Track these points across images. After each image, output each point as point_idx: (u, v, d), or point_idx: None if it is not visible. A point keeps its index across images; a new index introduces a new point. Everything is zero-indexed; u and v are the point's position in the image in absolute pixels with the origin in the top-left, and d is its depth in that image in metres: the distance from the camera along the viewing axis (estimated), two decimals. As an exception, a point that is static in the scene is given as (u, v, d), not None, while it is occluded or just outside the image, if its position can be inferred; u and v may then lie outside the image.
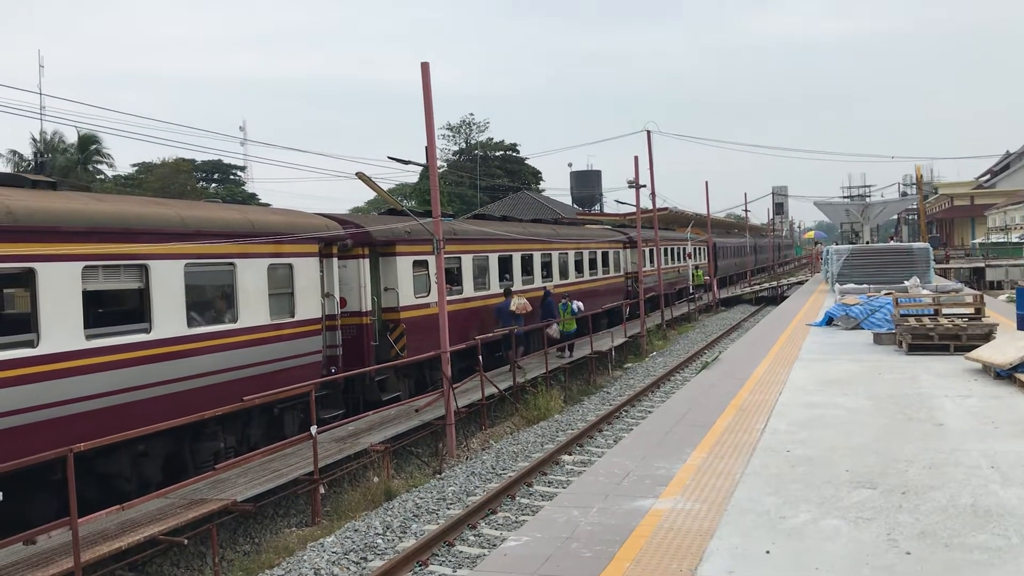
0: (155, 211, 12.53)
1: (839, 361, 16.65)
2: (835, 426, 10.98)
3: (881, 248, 39.08)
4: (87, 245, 10.98)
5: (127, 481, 11.44)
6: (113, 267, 11.55)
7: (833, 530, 7.14)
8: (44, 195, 11.15)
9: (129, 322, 11.84)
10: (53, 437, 10.01)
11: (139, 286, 11.89)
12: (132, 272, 11.82)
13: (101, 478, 11.18)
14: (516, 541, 7.66)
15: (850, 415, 11.62)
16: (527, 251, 25.54)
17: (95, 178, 54.12)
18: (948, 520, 7.22)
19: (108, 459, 11.06)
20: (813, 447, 9.95)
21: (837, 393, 13.23)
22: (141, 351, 11.65)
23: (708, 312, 45.85)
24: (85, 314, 10.91)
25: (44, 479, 10.46)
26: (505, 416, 19.21)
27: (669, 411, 13.11)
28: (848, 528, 7.17)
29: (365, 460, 13.93)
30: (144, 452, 11.70)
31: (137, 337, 11.69)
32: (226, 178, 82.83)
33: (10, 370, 9.90)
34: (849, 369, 15.54)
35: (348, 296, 17.17)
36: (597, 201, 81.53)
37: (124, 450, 11.22)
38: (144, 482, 11.69)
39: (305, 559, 10.38)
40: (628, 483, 9.06)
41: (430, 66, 15.74)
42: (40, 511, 10.25)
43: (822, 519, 7.43)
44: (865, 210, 49.24)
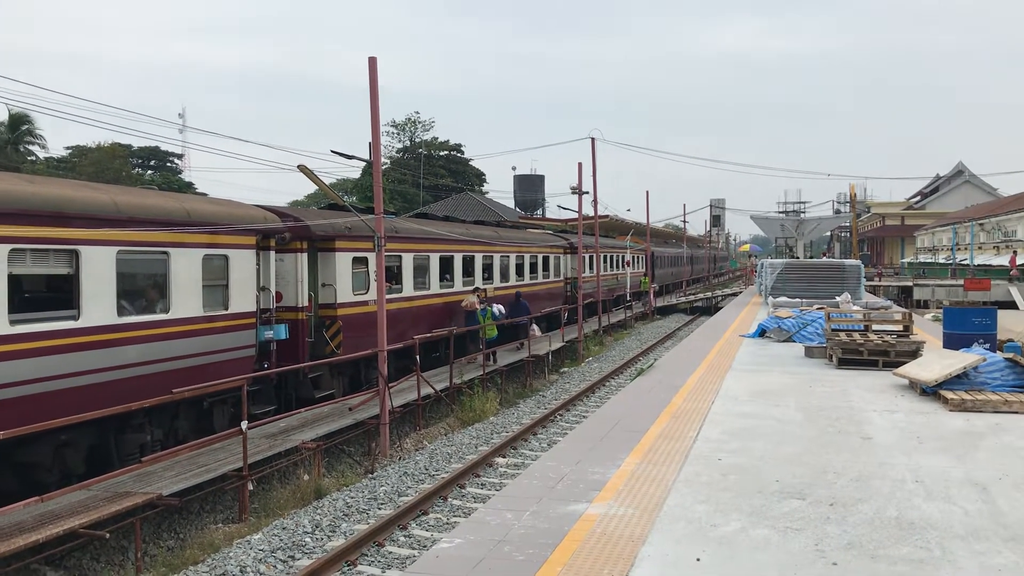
0: (88, 195, 12.18)
1: (771, 373, 16.92)
2: (766, 436, 11.13)
3: (814, 263, 39.87)
4: (15, 227, 10.64)
5: (48, 472, 11.09)
6: (42, 251, 11.21)
7: (763, 539, 7.22)
8: None
9: (57, 308, 11.49)
10: None
11: (68, 272, 11.56)
12: (62, 257, 11.48)
13: (20, 468, 10.82)
14: (448, 543, 7.60)
15: (781, 426, 11.80)
16: (469, 252, 25.49)
17: (26, 159, 52.48)
18: (874, 532, 7.35)
19: (29, 448, 10.72)
20: (744, 456, 10.07)
21: (769, 404, 13.43)
22: (68, 338, 11.33)
23: (644, 320, 46.29)
24: (11, 298, 10.57)
25: None
26: (440, 417, 19.12)
27: (604, 416, 13.16)
28: (777, 538, 7.26)
29: (296, 458, 13.73)
30: (67, 442, 11.37)
31: (65, 324, 11.36)
32: (163, 165, 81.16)
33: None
34: (781, 381, 15.79)
35: (285, 291, 16.93)
36: (540, 205, 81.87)
37: (46, 440, 10.88)
38: (66, 473, 11.35)
39: (231, 556, 10.17)
40: (562, 487, 9.05)
41: (377, 62, 15.60)
42: None
43: (752, 528, 7.51)
44: (800, 226, 50.19)
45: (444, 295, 23.47)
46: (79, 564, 10.20)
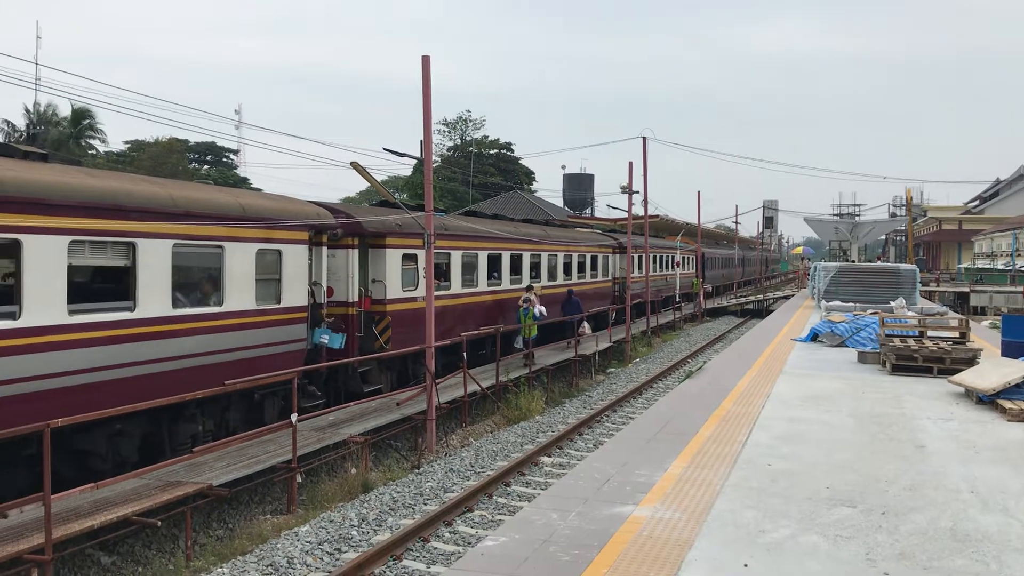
0: (145, 189, 12.40)
1: (823, 377, 16.67)
2: (817, 442, 10.98)
3: (868, 267, 39.22)
4: (75, 219, 10.85)
5: (102, 459, 11.31)
6: (100, 243, 11.42)
7: (812, 547, 7.12)
8: (34, 167, 11.01)
9: (113, 299, 11.72)
10: (31, 411, 9.89)
11: (125, 264, 11.76)
12: (119, 249, 11.69)
13: (77, 455, 11.06)
14: (493, 541, 7.61)
15: (832, 432, 11.62)
16: (517, 250, 25.49)
17: (87, 153, 53.71)
18: (927, 543, 7.21)
19: (85, 436, 10.93)
20: (795, 462, 9.93)
21: (820, 409, 13.24)
22: (124, 329, 11.53)
23: (693, 322, 45.91)
24: (69, 289, 10.79)
25: (16, 454, 10.34)
26: (486, 414, 19.15)
27: (651, 418, 13.08)
28: (827, 545, 7.15)
29: (344, 451, 13.86)
30: (121, 431, 11.58)
31: (121, 315, 11.57)
32: (219, 160, 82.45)
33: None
34: (833, 386, 15.56)
35: (336, 286, 17.09)
36: (589, 205, 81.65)
37: (101, 428, 11.09)
38: (120, 461, 11.57)
39: (279, 547, 10.29)
40: (608, 488, 9.02)
41: (431, 60, 15.67)
42: (11, 486, 10.14)
43: (801, 535, 7.41)
44: (854, 229, 49.46)
45: (492, 293, 23.49)
46: (131, 550, 10.41)
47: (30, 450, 10.26)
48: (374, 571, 9.56)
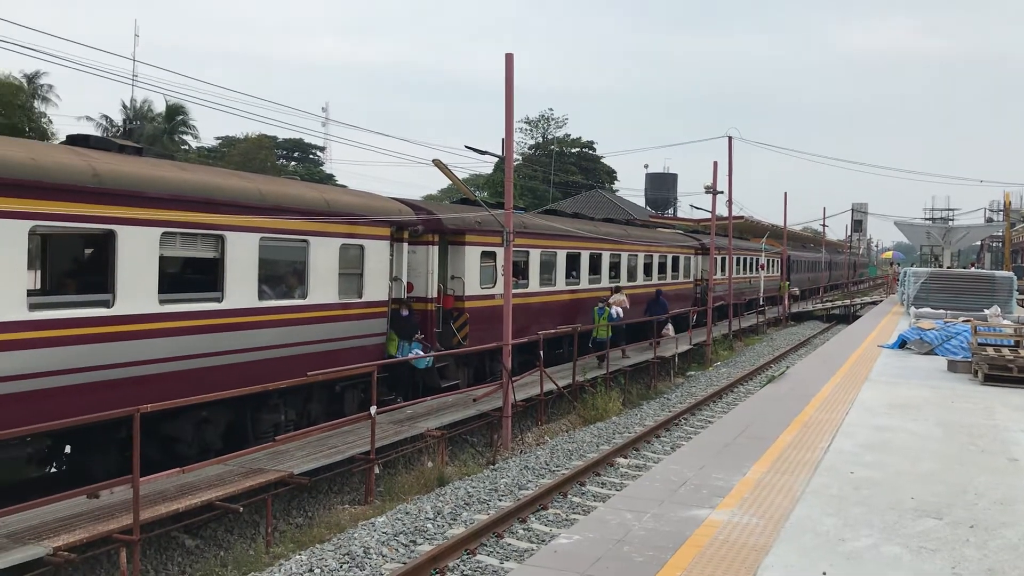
0: (235, 183, 12.75)
1: (911, 386, 16.19)
2: (903, 451, 10.67)
3: (961, 274, 37.88)
4: (167, 212, 11.20)
5: (188, 446, 11.67)
6: (191, 235, 11.77)
7: (894, 558, 6.92)
8: (129, 160, 11.41)
9: (202, 290, 12.07)
10: (122, 396, 10.27)
11: (214, 256, 12.11)
12: (208, 241, 12.04)
13: (164, 440, 11.42)
14: (567, 539, 7.60)
15: (919, 441, 11.28)
16: (596, 250, 25.37)
17: (180, 148, 55.42)
18: (1019, 559, 6.94)
19: (172, 422, 11.30)
20: (878, 470, 9.67)
21: (907, 418, 12.86)
22: (211, 319, 11.88)
23: (777, 326, 45.06)
24: (160, 279, 11.15)
25: (109, 438, 10.73)
26: (562, 413, 19.13)
27: (731, 423, 12.90)
28: (910, 557, 6.94)
29: (421, 444, 14.01)
30: (207, 419, 11.93)
31: (209, 305, 11.92)
32: (306, 157, 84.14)
33: (84, 328, 10.17)
34: (921, 394, 15.10)
35: (415, 282, 17.27)
36: (671, 205, 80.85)
37: (188, 415, 11.45)
38: (204, 448, 11.91)
39: (355, 537, 10.46)
40: (684, 491, 8.92)
41: (514, 58, 15.70)
42: (103, 468, 10.53)
43: (883, 545, 7.21)
44: (947, 234, 47.85)
45: (570, 292, 23.42)
46: (214, 535, 10.71)
47: (120, 434, 10.64)
48: (448, 564, 9.63)
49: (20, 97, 39.91)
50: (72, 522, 8.89)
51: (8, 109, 38.58)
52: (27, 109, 40.53)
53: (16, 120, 38.08)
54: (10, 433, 8.54)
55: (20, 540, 8.32)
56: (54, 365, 9.77)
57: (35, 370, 9.58)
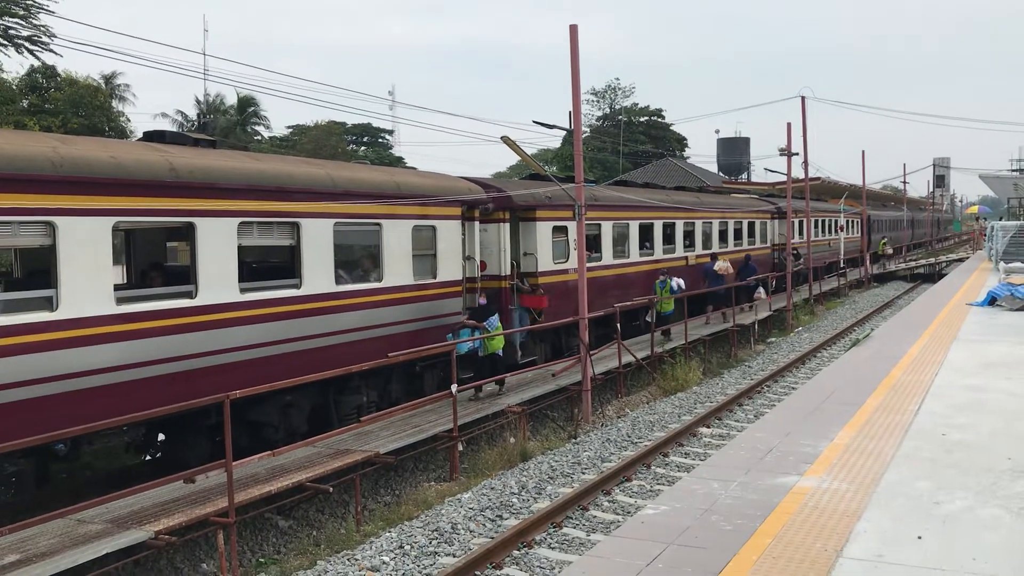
0: (307, 171, 12.94)
1: (1002, 343, 15.67)
2: (996, 411, 10.35)
3: (1053, 225, 36.40)
4: (243, 202, 11.42)
5: (275, 430, 11.94)
6: (267, 224, 11.99)
7: (992, 519, 6.73)
8: (204, 153, 11.68)
9: (280, 277, 12.31)
10: (209, 384, 10.54)
11: (291, 243, 12.32)
12: (284, 229, 12.24)
13: (251, 426, 11.71)
14: (653, 510, 7.59)
15: (1014, 400, 10.93)
16: (669, 219, 25.07)
17: (252, 139, 56.50)
18: (1125, 517, 6.68)
19: (258, 408, 11.56)
20: (971, 432, 9.40)
21: (999, 376, 12.46)
22: (291, 306, 12.10)
23: (859, 288, 44.00)
24: (240, 268, 11.39)
25: (199, 424, 11.06)
26: (641, 385, 19.04)
27: (815, 388, 12.67)
28: (1009, 519, 6.74)
29: (502, 421, 14.11)
30: (291, 403, 12.18)
31: (287, 292, 12.14)
32: (375, 141, 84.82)
33: (170, 319, 10.47)
34: (1013, 352, 14.60)
35: (488, 260, 17.26)
36: (744, 169, 79.36)
37: (273, 400, 11.71)
38: (291, 431, 12.17)
39: (443, 513, 10.61)
40: (771, 459, 8.81)
41: (578, 29, 15.55)
42: (195, 454, 10.87)
43: (980, 507, 7.02)
44: (1036, 184, 45.95)
45: (645, 263, 23.21)
46: (306, 515, 10.97)
47: (209, 421, 10.95)
48: (535, 538, 9.70)
49: (99, 98, 41.10)
50: (171, 506, 9.22)
51: (88, 110, 39.78)
52: (106, 109, 41.71)
53: (96, 120, 39.25)
54: (101, 425, 8.85)
55: (123, 525, 8.66)
56: (142, 356, 10.07)
57: (124, 362, 9.90)
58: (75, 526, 8.66)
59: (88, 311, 9.53)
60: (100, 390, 9.61)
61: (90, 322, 9.55)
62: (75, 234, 9.42)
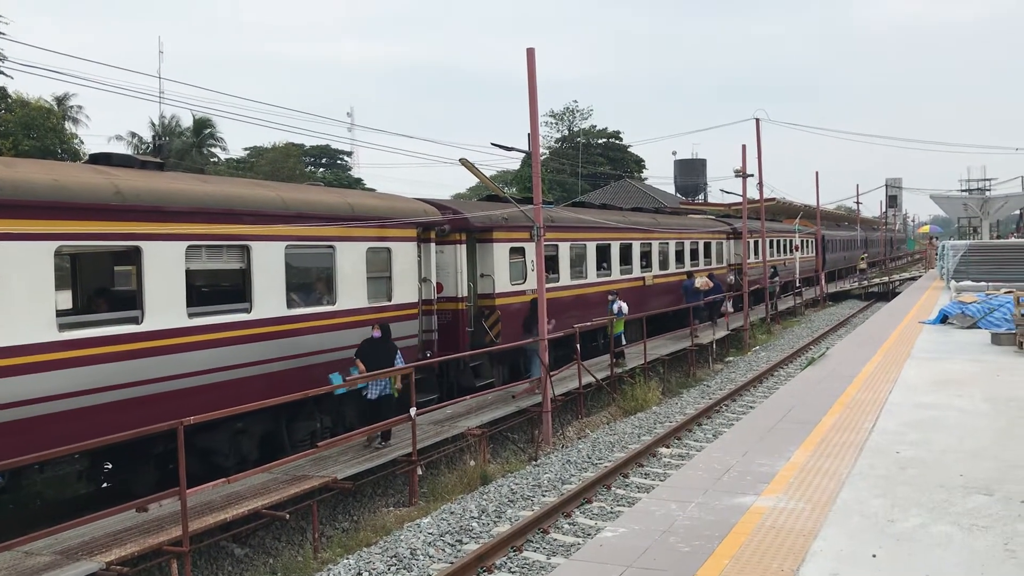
0: (257, 193, 12.74)
1: (954, 361, 15.94)
2: (949, 428, 10.49)
3: (1001, 244, 37.35)
4: (191, 225, 11.19)
5: (225, 457, 11.64)
6: (216, 247, 11.75)
7: (945, 536, 6.80)
8: (151, 175, 11.39)
9: (231, 302, 12.06)
10: (157, 412, 10.25)
11: (241, 267, 12.10)
12: (234, 253, 12.01)
13: (201, 453, 11.37)
14: (612, 532, 7.57)
15: (965, 417, 11.09)
16: (626, 240, 25.21)
17: (209, 161, 55.96)
18: (1074, 533, 6.79)
19: (208, 435, 11.26)
20: (925, 449, 9.52)
21: (952, 394, 12.65)
22: (241, 330, 11.85)
23: (815, 307, 44.58)
24: (188, 293, 11.14)
25: (146, 453, 10.74)
26: (602, 406, 19.06)
27: (772, 407, 12.77)
28: (961, 535, 6.82)
29: (462, 444, 14.01)
30: (242, 430, 11.92)
31: (238, 316, 11.90)
32: (333, 163, 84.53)
33: (116, 345, 10.19)
34: (965, 369, 14.86)
35: (445, 281, 17.17)
36: (701, 190, 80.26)
37: (224, 427, 11.43)
38: (242, 459, 11.88)
39: (402, 538, 10.49)
40: (728, 479, 8.84)
41: (535, 53, 15.64)
42: (143, 483, 10.59)
43: (933, 524, 7.09)
44: (985, 204, 47.08)
45: (602, 283, 23.20)
46: (262, 542, 10.80)
47: (157, 449, 10.66)
48: (495, 562, 9.61)
49: (51, 120, 40.54)
50: (123, 536, 9.01)
51: (40, 132, 39.20)
52: (58, 131, 41.16)
53: (48, 142, 38.70)
54: (33, 458, 8.47)
55: (73, 556, 8.44)
56: (87, 384, 9.78)
57: (68, 390, 9.59)
58: (23, 558, 8.43)
59: (26, 338, 9.23)
60: (42, 419, 9.30)
61: (29, 350, 9.24)
62: (13, 259, 9.15)
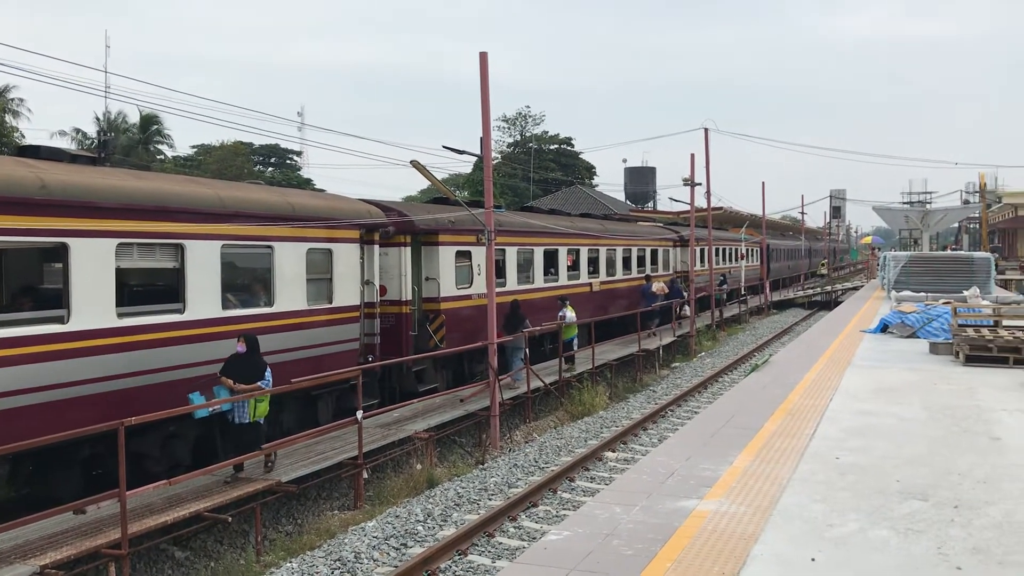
0: (192, 190, 12.29)
1: (893, 369, 16.29)
2: (887, 435, 10.72)
3: (940, 256, 38.24)
4: (122, 222, 10.76)
5: (156, 462, 11.23)
6: (148, 245, 11.36)
7: (882, 541, 6.95)
8: (80, 170, 10.94)
9: (163, 302, 11.66)
10: (85, 415, 9.89)
11: (174, 265, 11.71)
12: (167, 251, 11.62)
13: (132, 458, 10.85)
14: (557, 535, 7.60)
15: (903, 424, 11.35)
16: (574, 245, 25.28)
17: (155, 158, 55.00)
18: (1003, 536, 6.98)
19: (139, 439, 10.81)
20: (864, 455, 9.71)
21: (890, 402, 12.93)
22: (174, 331, 11.49)
23: (759, 314, 45.25)
24: (118, 292, 10.77)
25: (71, 457, 10.32)
26: (550, 410, 19.12)
27: (716, 413, 12.93)
28: (897, 540, 6.97)
29: (409, 447, 13.96)
30: (175, 433, 11.58)
31: (171, 317, 11.53)
32: (283, 162, 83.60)
33: (40, 345, 9.81)
34: (904, 378, 15.19)
35: (388, 284, 16.91)
36: (651, 198, 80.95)
37: (156, 430, 11.05)
38: (174, 464, 11.47)
39: (346, 542, 10.42)
40: (672, 483, 8.93)
41: (488, 57, 15.67)
42: (68, 489, 10.15)
43: (871, 529, 7.24)
44: (925, 217, 48.17)
45: (549, 288, 23.22)
46: (204, 546, 10.61)
47: (83, 453, 10.29)
48: (440, 566, 9.59)
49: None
50: (59, 539, 8.80)
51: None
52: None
53: (-14, 136, 37.69)
54: None
55: (6, 560, 8.21)
56: (8, 386, 9.40)
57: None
58: (-51, 563, 8.21)
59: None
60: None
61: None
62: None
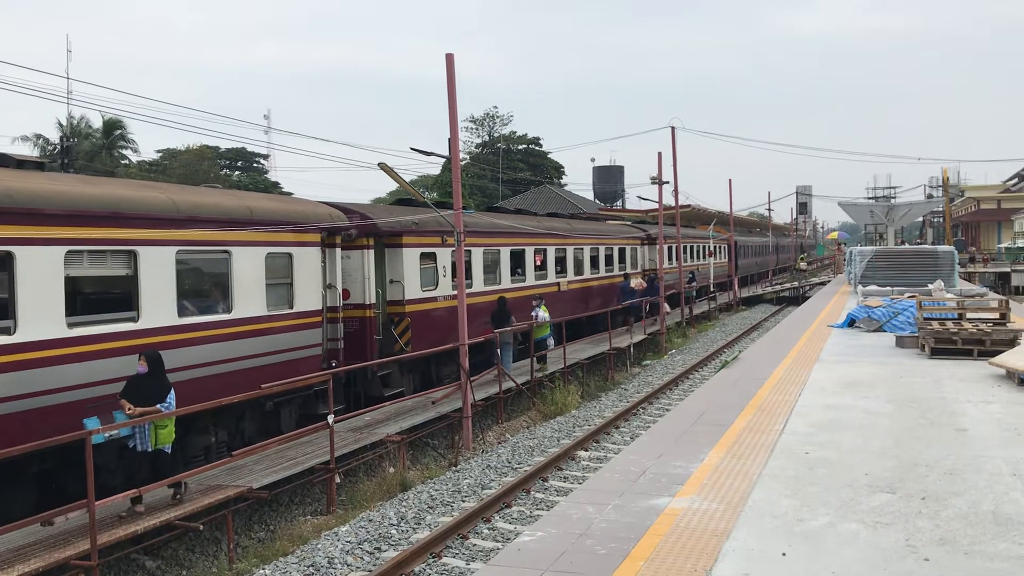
0: (145, 195, 12.01)
1: (860, 363, 16.49)
2: (855, 429, 10.86)
3: (905, 250, 38.77)
4: (71, 229, 10.50)
5: (111, 474, 10.82)
6: (99, 252, 11.05)
7: (851, 534, 7.05)
8: (27, 176, 10.64)
9: (115, 310, 11.33)
10: (32, 429, 9.61)
11: (127, 273, 11.39)
12: (119, 258, 11.32)
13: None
14: (530, 536, 7.62)
15: (871, 418, 11.50)
16: (541, 245, 25.22)
17: (119, 163, 54.41)
18: (968, 527, 7.11)
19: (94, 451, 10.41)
20: (833, 450, 9.84)
21: (858, 395, 13.10)
22: (127, 341, 11.11)
23: (728, 311, 45.59)
24: (68, 301, 10.46)
25: (22, 472, 10.04)
26: (522, 410, 19.15)
27: (687, 409, 13.03)
28: (866, 533, 7.08)
29: (381, 451, 13.93)
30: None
31: (123, 326, 11.20)
32: (249, 166, 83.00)
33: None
34: (871, 371, 15.39)
35: (352, 288, 16.64)
36: (619, 197, 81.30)
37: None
38: (128, 476, 11.01)
39: (319, 548, 10.38)
40: (644, 481, 9.00)
41: (455, 58, 15.67)
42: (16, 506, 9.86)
43: (840, 523, 7.34)
44: (890, 212, 48.83)
45: (516, 289, 23.10)
46: (175, 554, 10.54)
47: (32, 469, 10.05)
48: (414, 569, 9.60)
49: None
50: (26, 551, 8.70)
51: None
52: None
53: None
54: None
55: (-28, 574, 8.13)
56: None
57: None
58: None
59: None
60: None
61: None
62: None
